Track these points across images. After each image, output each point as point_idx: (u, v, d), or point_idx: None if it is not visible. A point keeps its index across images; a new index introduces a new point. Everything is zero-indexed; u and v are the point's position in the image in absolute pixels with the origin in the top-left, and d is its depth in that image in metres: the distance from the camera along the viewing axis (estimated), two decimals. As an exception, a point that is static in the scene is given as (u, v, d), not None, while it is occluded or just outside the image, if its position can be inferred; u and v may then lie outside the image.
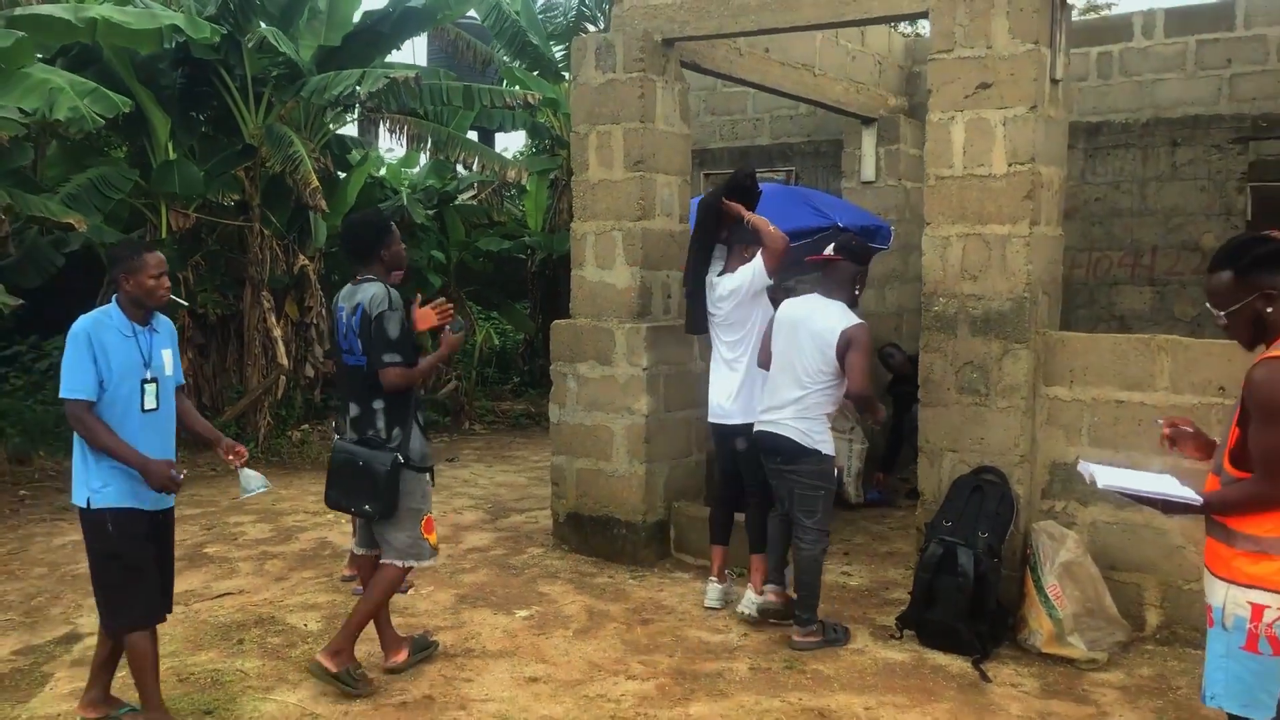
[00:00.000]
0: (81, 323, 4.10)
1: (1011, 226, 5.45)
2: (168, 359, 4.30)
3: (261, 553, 7.07)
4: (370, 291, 4.68)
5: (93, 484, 4.08)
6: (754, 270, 5.72)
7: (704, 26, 6.48)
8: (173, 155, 10.56)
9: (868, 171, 9.37)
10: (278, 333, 10.59)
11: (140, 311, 4.21)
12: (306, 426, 11.41)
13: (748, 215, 5.75)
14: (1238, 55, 9.00)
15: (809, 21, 6.19)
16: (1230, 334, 3.22)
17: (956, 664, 5.11)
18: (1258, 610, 3.13)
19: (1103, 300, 9.42)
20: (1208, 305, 3.23)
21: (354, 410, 4.79)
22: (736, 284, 5.76)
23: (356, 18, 11.25)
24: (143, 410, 4.15)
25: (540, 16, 13.90)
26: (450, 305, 4.92)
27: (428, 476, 4.86)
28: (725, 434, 5.88)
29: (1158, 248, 9.16)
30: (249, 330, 10.71)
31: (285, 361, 10.60)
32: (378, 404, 4.72)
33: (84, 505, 4.11)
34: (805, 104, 9.19)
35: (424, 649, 5.13)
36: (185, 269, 10.46)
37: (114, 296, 4.23)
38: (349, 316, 4.74)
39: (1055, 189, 5.66)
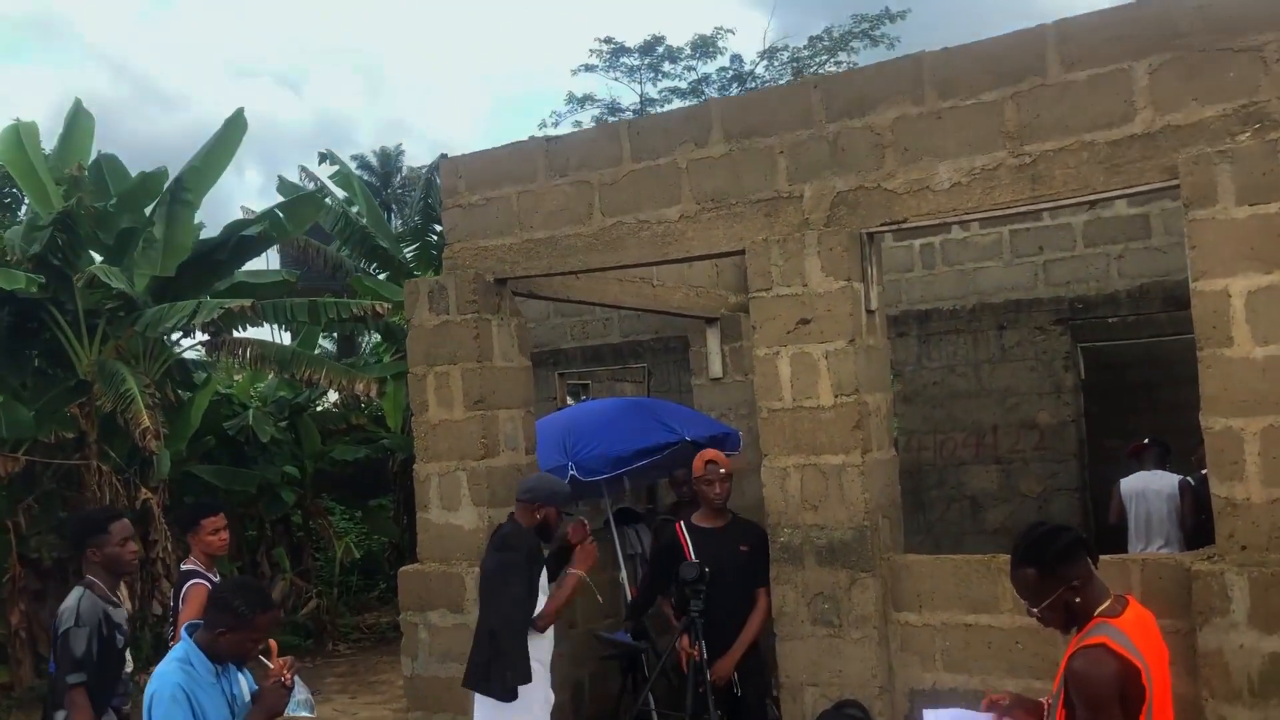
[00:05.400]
0: (171, 677, 3.61)
1: (845, 456, 5.52)
2: (244, 687, 3.89)
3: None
4: (66, 601, 4.65)
5: None
6: None
7: (534, 267, 6.55)
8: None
9: (715, 369, 9.51)
10: (120, 574, 9.99)
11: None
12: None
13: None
14: (1048, 243, 9.55)
15: (634, 260, 6.30)
16: (1045, 624, 3.26)
17: None
18: None
19: (952, 481, 9.65)
20: (1018, 596, 3.27)
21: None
22: None
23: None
24: None
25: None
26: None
27: None
28: None
29: (998, 427, 9.48)
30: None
31: (129, 605, 9.99)
32: (59, 716, 4.63)
33: None
34: (648, 310, 9.34)
35: None
36: (15, 514, 9.87)
37: (186, 632, 3.78)
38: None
39: (883, 413, 5.78)
